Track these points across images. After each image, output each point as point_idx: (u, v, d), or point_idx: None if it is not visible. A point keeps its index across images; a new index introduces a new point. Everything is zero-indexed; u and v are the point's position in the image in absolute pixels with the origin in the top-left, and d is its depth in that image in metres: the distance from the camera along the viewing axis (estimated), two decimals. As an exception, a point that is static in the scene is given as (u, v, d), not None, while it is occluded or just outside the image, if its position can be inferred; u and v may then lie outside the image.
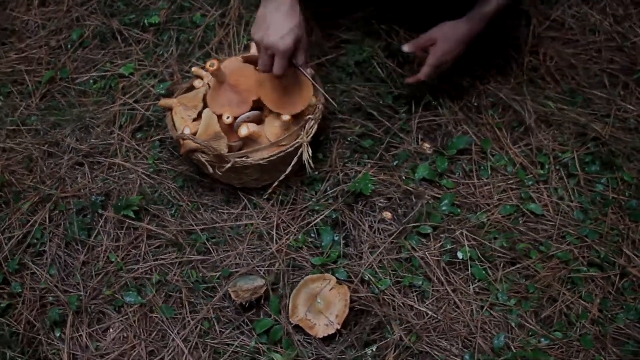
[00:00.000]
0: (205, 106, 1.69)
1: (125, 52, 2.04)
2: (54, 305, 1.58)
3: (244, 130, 1.61)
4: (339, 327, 1.48)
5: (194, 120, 1.68)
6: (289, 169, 1.62)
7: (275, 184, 1.65)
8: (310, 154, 1.60)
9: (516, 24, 2.07)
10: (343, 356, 1.45)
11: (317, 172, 1.74)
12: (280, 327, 1.50)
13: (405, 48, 1.71)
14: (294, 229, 1.67)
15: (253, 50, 1.80)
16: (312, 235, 1.66)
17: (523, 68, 1.96)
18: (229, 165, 1.59)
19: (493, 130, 1.82)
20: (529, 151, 1.79)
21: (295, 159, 1.61)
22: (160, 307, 1.56)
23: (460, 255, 1.60)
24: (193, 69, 1.78)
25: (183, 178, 1.76)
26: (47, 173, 1.77)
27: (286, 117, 1.62)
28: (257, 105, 1.68)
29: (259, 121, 1.69)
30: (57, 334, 1.54)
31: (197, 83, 1.77)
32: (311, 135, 1.63)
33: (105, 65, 2.00)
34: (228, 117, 1.63)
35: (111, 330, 1.56)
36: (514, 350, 1.48)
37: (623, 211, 1.68)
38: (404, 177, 1.74)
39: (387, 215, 1.68)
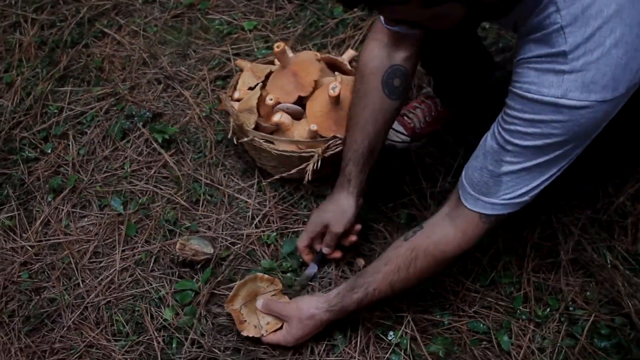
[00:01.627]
0: (264, 81, 1.88)
1: (263, 11, 2.30)
2: (61, 175, 1.92)
3: (276, 117, 1.78)
4: (264, 335, 1.58)
5: (250, 88, 1.89)
6: (293, 171, 1.75)
7: (276, 177, 1.80)
8: (317, 168, 1.71)
9: (632, 160, 1.91)
10: (227, 352, 1.57)
11: (329, 191, 1.84)
12: (194, 294, 1.66)
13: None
14: (275, 226, 1.80)
15: (345, 55, 1.94)
16: (284, 239, 1.77)
17: (610, 208, 1.82)
18: (245, 139, 1.77)
19: (523, 246, 1.75)
20: (545, 286, 1.69)
21: (303, 165, 1.74)
22: (129, 225, 1.81)
23: (391, 336, 1.60)
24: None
25: (224, 135, 1.98)
26: (132, 76, 2.12)
27: (314, 127, 1.74)
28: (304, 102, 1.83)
29: (297, 116, 1.83)
30: (49, 199, 1.87)
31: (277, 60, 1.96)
32: (330, 152, 1.73)
33: (237, 14, 2.29)
34: (271, 99, 1.80)
35: (86, 219, 1.85)
36: None
37: (599, 404, 1.53)
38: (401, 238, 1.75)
39: (361, 262, 1.73)
